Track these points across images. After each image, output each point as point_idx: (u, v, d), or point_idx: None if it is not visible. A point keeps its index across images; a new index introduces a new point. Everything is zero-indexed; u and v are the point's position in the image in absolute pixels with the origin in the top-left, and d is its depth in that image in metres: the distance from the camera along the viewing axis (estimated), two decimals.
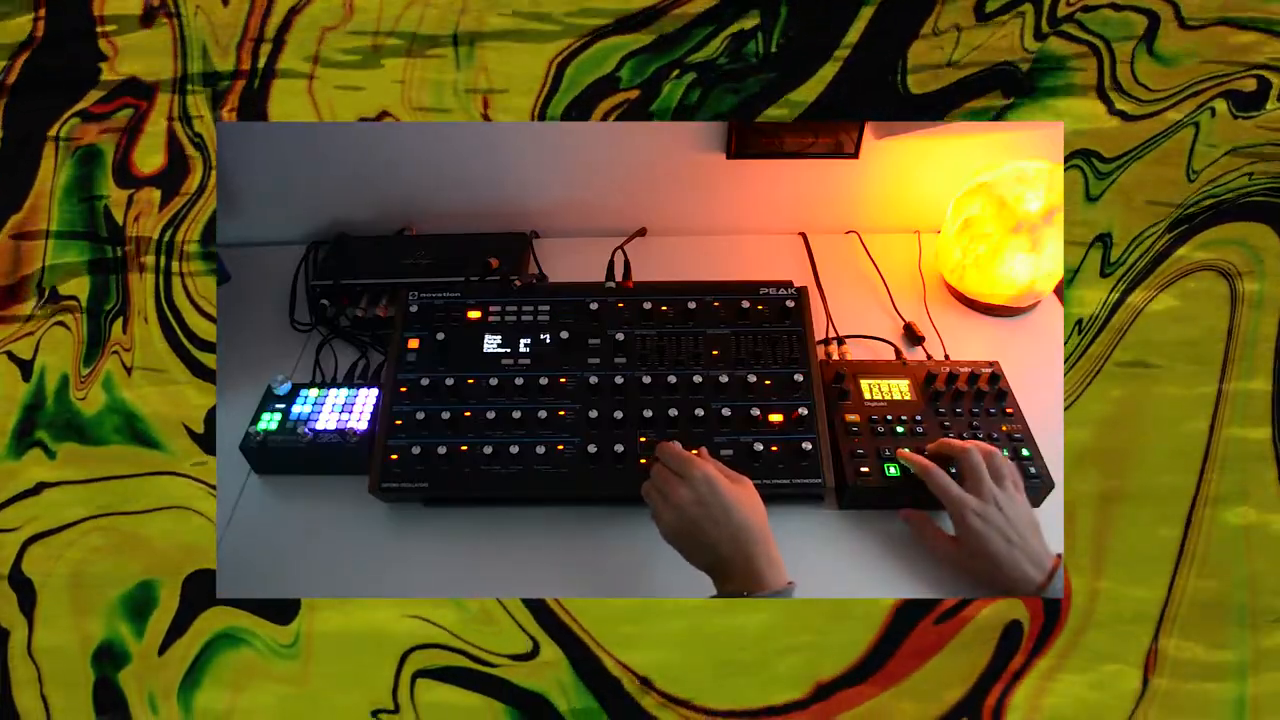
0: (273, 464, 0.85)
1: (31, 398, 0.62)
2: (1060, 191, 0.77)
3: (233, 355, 0.97)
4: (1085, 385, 0.62)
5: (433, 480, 0.79)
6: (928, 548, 0.76)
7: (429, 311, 0.89)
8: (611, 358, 0.85)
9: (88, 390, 0.62)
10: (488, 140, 1.05)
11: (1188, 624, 0.59)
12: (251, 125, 1.02)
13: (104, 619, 0.60)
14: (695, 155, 1.07)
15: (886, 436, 0.82)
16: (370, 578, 0.77)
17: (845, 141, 1.05)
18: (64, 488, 0.61)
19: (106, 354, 0.63)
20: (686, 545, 0.67)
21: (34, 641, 0.59)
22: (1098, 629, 0.59)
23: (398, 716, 0.59)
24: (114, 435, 0.62)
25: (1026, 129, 1.04)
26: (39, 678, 0.58)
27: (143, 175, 0.65)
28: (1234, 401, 0.61)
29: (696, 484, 0.66)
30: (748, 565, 0.64)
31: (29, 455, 0.61)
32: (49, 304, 0.63)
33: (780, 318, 0.88)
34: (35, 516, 0.61)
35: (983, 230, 0.97)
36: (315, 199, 1.12)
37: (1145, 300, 0.63)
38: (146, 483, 0.62)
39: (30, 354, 0.63)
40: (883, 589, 0.74)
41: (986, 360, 0.89)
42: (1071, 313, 0.63)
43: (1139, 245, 0.63)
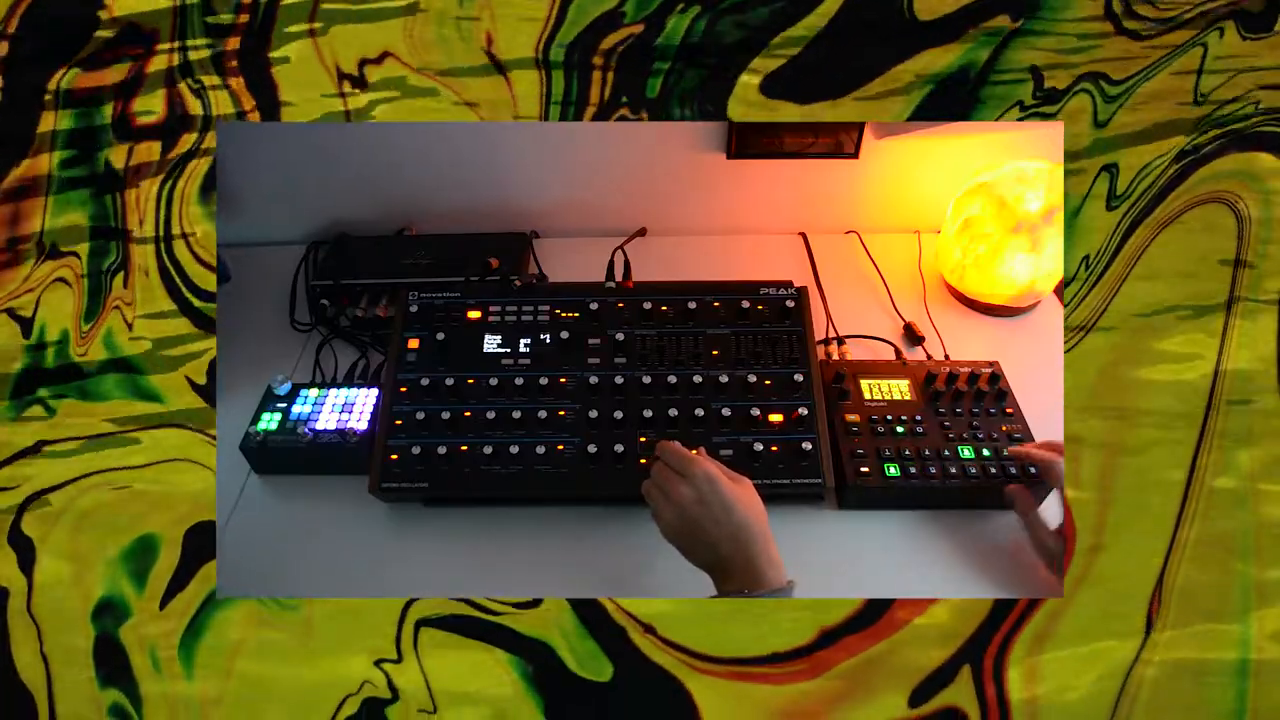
0: (273, 464, 0.85)
1: (31, 355, 0.62)
2: (1060, 191, 0.77)
3: (233, 355, 0.97)
4: (1089, 328, 0.62)
5: (433, 480, 0.79)
6: (1033, 531, 0.75)
7: (429, 311, 0.89)
8: (611, 358, 0.85)
9: (88, 346, 0.62)
10: (488, 140, 1.05)
11: (1192, 567, 0.59)
12: (251, 125, 1.02)
13: (104, 575, 0.59)
14: (695, 155, 1.07)
15: (886, 436, 0.82)
16: (370, 578, 0.77)
17: (845, 141, 1.05)
18: (64, 444, 0.61)
19: (107, 309, 0.63)
20: (687, 544, 0.67)
21: (33, 600, 0.59)
22: (1100, 582, 0.59)
23: (401, 665, 0.59)
24: (115, 390, 0.62)
25: (1026, 129, 1.04)
26: (39, 636, 0.58)
27: (142, 127, 0.64)
28: (1239, 335, 0.61)
29: (698, 482, 0.66)
30: (748, 564, 0.64)
31: (29, 413, 0.61)
32: (49, 260, 0.63)
33: (780, 318, 0.88)
34: (34, 475, 0.60)
35: (983, 230, 0.97)
36: (315, 199, 1.12)
37: (1151, 235, 0.62)
38: (147, 437, 0.61)
39: (30, 311, 0.62)
40: (883, 589, 0.74)
41: (986, 360, 0.89)
42: (1077, 252, 0.62)
43: (1145, 177, 0.63)
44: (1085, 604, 0.58)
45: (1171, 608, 0.58)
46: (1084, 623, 0.58)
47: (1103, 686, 0.57)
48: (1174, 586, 0.58)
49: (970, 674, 0.58)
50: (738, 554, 0.64)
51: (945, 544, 0.78)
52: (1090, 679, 0.57)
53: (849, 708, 0.57)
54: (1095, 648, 0.58)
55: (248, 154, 1.06)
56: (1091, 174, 0.64)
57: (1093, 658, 0.58)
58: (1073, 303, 0.62)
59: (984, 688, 0.57)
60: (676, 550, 0.68)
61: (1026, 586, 0.74)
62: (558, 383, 0.84)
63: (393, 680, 0.58)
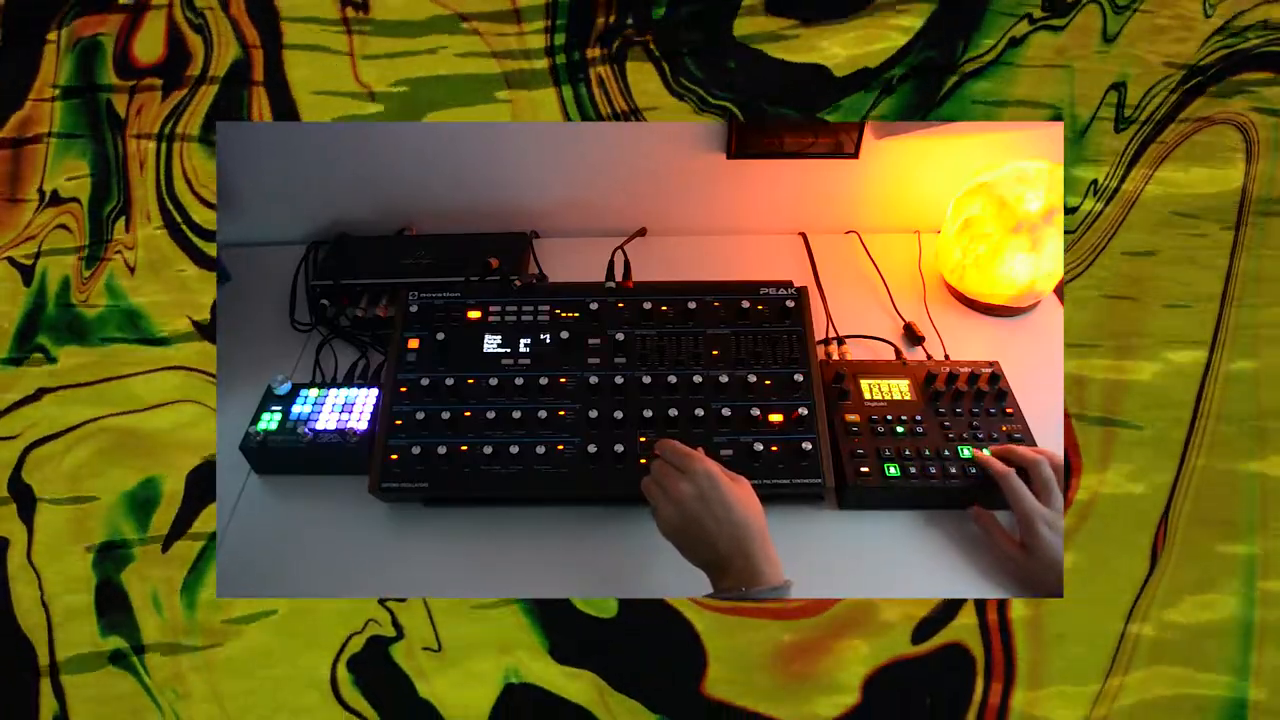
0: (273, 464, 0.85)
1: (32, 303, 0.62)
2: (1060, 191, 0.77)
3: (233, 355, 0.97)
4: (1094, 256, 0.62)
5: (433, 480, 0.79)
6: (992, 548, 0.76)
7: (429, 311, 0.89)
8: (611, 358, 0.85)
9: (89, 292, 0.62)
10: (488, 140, 1.05)
11: (1200, 495, 0.59)
12: (251, 125, 1.02)
13: (106, 520, 0.59)
14: (695, 155, 1.07)
15: (886, 436, 0.82)
16: (370, 578, 0.77)
17: (845, 141, 1.05)
18: (65, 392, 0.61)
19: (109, 254, 0.63)
20: (686, 541, 0.67)
21: (34, 548, 0.59)
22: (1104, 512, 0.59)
23: (406, 604, 0.59)
24: (116, 334, 0.62)
25: (1026, 129, 1.04)
26: (39, 585, 0.58)
27: (144, 66, 0.64)
28: (1248, 249, 0.61)
29: (698, 479, 0.66)
30: (746, 562, 0.64)
31: (29, 361, 0.61)
32: (50, 207, 0.62)
33: (780, 318, 0.88)
34: (35, 423, 0.60)
35: (983, 230, 0.97)
36: (315, 199, 1.12)
37: (1158, 157, 0.62)
38: (149, 379, 0.61)
39: (31, 259, 0.62)
40: (883, 589, 0.74)
41: (986, 360, 0.89)
42: (1083, 176, 0.62)
43: (1153, 98, 0.62)
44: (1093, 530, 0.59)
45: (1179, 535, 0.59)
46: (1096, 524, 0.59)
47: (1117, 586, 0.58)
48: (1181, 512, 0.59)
49: (974, 608, 0.58)
50: (736, 552, 0.64)
51: (945, 544, 0.78)
52: (1096, 591, 0.58)
53: (852, 640, 0.58)
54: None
55: (248, 154, 1.06)
56: (1100, 92, 0.63)
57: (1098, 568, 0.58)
58: (1080, 229, 0.62)
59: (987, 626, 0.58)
60: (675, 549, 0.68)
61: (1027, 587, 0.74)
62: (558, 383, 0.84)
63: (397, 618, 0.59)
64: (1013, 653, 0.58)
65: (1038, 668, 0.57)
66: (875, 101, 0.64)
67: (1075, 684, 0.57)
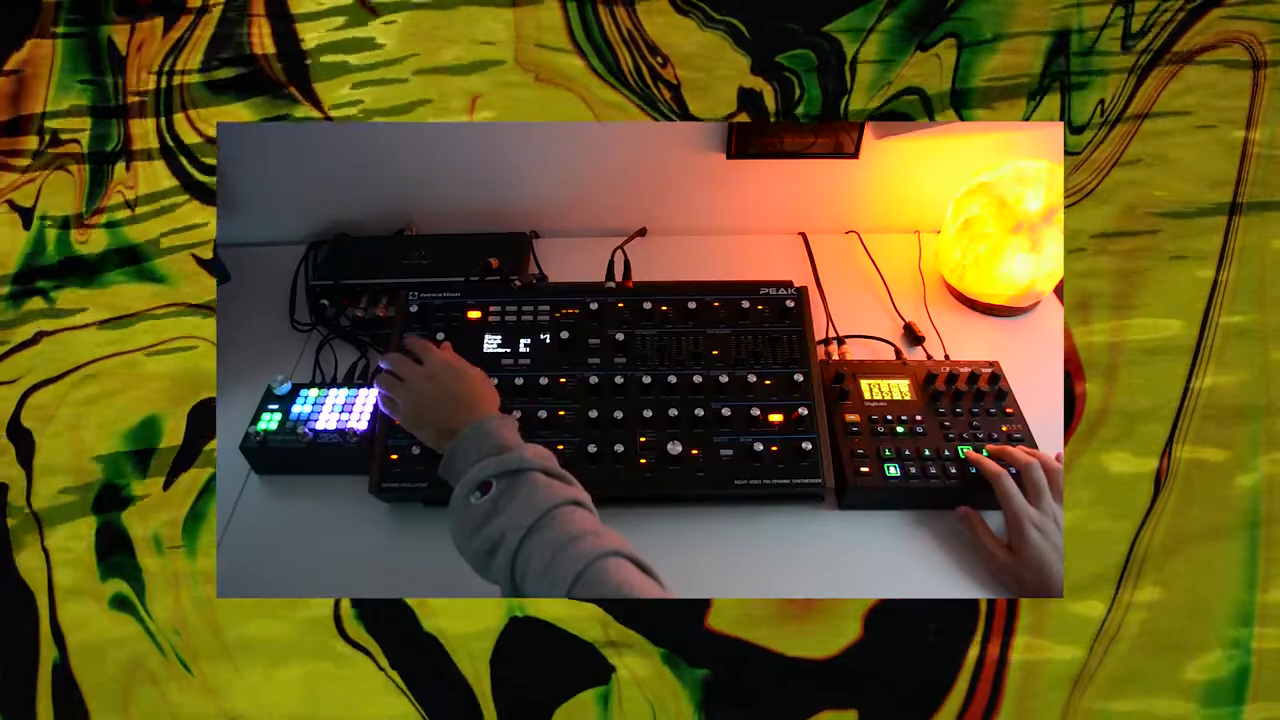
0: (273, 464, 0.85)
1: (32, 245, 0.62)
2: (1060, 191, 0.77)
3: (233, 355, 0.97)
4: (1101, 177, 0.61)
5: (433, 480, 0.78)
6: (978, 547, 0.76)
7: (429, 311, 0.89)
8: (611, 358, 0.85)
9: (89, 233, 0.62)
10: (488, 140, 1.05)
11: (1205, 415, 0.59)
12: (251, 126, 1.02)
13: (106, 462, 0.59)
14: (695, 155, 1.07)
15: (886, 436, 0.82)
16: (370, 578, 0.77)
17: (845, 141, 1.05)
18: (64, 335, 0.61)
19: (110, 194, 0.62)
20: (419, 419, 0.72)
21: (33, 493, 0.58)
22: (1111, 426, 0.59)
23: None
24: (117, 275, 0.62)
25: (1026, 129, 1.04)
26: (39, 530, 0.58)
27: (145, 2, 0.63)
28: (1258, 163, 0.61)
29: (432, 364, 0.73)
30: (467, 419, 0.68)
31: (28, 304, 0.61)
32: (50, 148, 0.62)
33: (780, 318, 0.88)
34: (33, 368, 0.60)
35: (983, 230, 0.97)
36: (315, 199, 1.12)
37: (1165, 80, 0.62)
38: (149, 318, 0.61)
39: (31, 201, 0.62)
40: (883, 589, 0.74)
41: (986, 360, 0.89)
42: (1090, 95, 0.62)
43: (1162, 13, 0.62)
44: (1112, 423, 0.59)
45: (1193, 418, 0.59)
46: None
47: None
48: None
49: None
50: (463, 419, 0.68)
51: (945, 544, 0.78)
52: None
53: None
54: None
55: (248, 154, 1.06)
56: (1105, 10, 0.63)
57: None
58: (1086, 150, 0.62)
59: None
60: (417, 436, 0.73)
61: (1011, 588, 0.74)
62: (558, 383, 0.84)
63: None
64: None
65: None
66: (880, 15, 0.64)
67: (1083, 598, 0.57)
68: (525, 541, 0.57)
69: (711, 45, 0.66)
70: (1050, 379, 0.91)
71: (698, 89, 0.66)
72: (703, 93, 0.66)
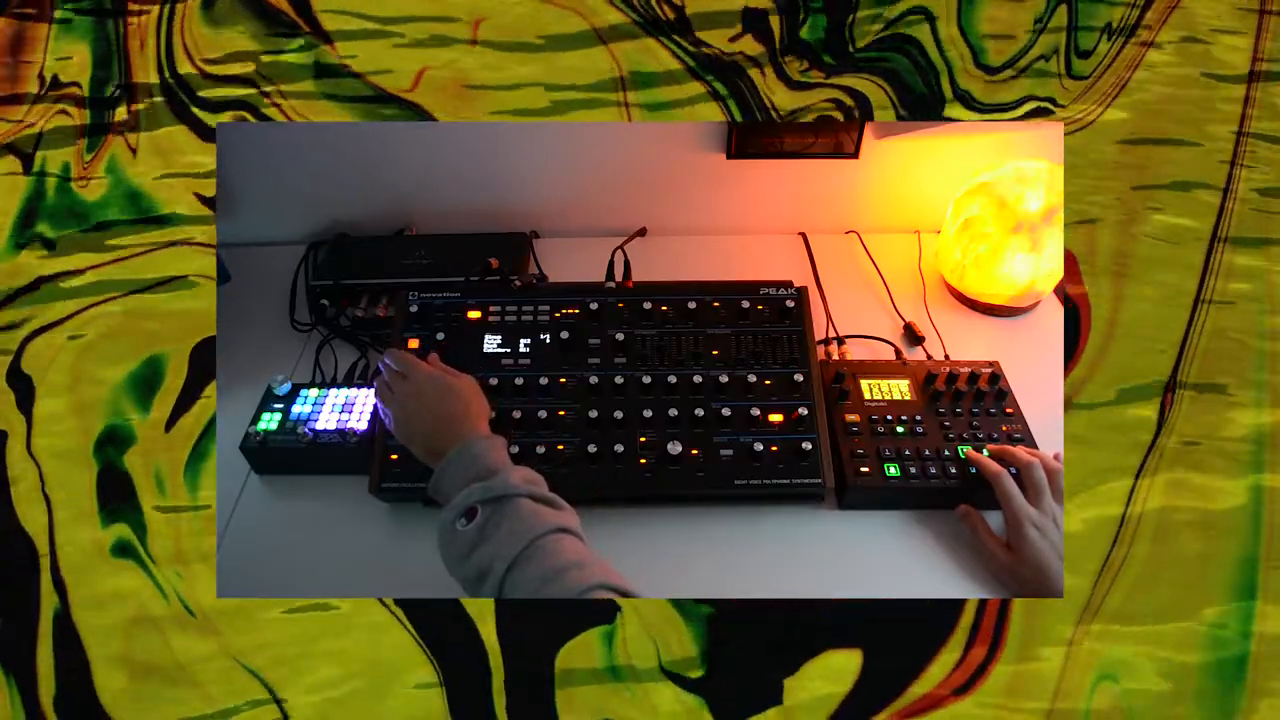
0: (273, 464, 0.85)
1: (32, 190, 0.61)
2: (1060, 191, 0.77)
3: (233, 355, 0.97)
4: (1109, 100, 0.61)
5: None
6: (978, 546, 0.76)
7: (429, 311, 0.89)
8: (611, 358, 0.85)
9: (90, 175, 0.62)
10: (488, 140, 1.05)
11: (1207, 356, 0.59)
12: (251, 125, 1.02)
13: (107, 404, 0.59)
14: (695, 155, 1.07)
15: (886, 436, 0.82)
16: (370, 578, 0.77)
17: (845, 141, 1.05)
18: (64, 279, 0.60)
19: (110, 136, 0.62)
20: (408, 434, 0.71)
21: (33, 439, 0.58)
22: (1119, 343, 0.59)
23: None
24: (117, 217, 0.61)
25: (1026, 129, 1.04)
26: (40, 476, 0.57)
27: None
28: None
29: (418, 379, 0.71)
30: (448, 445, 0.66)
31: (28, 250, 0.60)
32: (50, 91, 0.62)
33: (780, 318, 0.88)
34: (33, 315, 0.60)
35: (983, 230, 0.97)
36: (315, 199, 1.12)
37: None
38: (150, 258, 0.61)
39: (31, 146, 0.62)
40: (883, 589, 0.74)
41: (986, 360, 0.89)
42: (1097, 20, 0.62)
43: None
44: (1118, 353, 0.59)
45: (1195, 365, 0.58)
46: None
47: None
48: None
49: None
50: (450, 438, 0.67)
51: (945, 544, 0.78)
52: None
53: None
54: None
55: (248, 154, 1.06)
56: None
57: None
58: (1092, 77, 0.61)
59: None
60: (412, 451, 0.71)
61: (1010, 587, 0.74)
62: (558, 383, 0.84)
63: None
64: None
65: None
66: None
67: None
68: (510, 573, 0.56)
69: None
70: (1050, 379, 0.91)
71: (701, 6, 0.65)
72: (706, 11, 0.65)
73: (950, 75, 0.69)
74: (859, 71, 0.69)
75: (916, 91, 0.69)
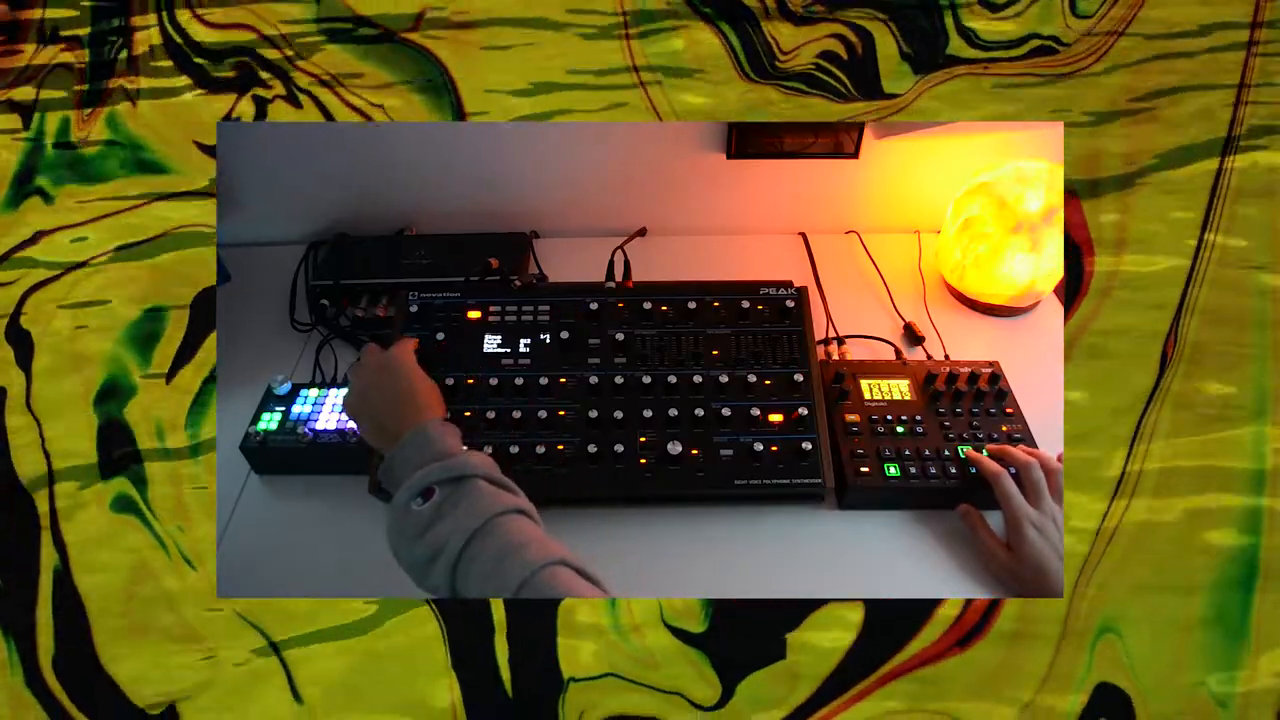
0: (273, 464, 0.85)
1: (31, 144, 0.61)
2: (1060, 191, 0.77)
3: (233, 355, 0.97)
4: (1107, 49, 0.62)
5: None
6: (978, 546, 0.76)
7: (429, 311, 0.89)
8: (611, 358, 0.85)
9: (90, 129, 0.61)
10: (488, 140, 1.05)
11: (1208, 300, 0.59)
12: (251, 125, 1.02)
13: (108, 358, 0.58)
14: (695, 155, 1.07)
15: (886, 436, 0.82)
16: (370, 578, 0.76)
17: (845, 141, 1.05)
18: (64, 232, 0.60)
19: (110, 88, 0.62)
20: (358, 410, 0.70)
21: (33, 395, 0.57)
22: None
23: None
24: (118, 170, 0.61)
25: (1026, 129, 1.04)
26: (40, 432, 0.57)
27: None
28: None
29: (380, 356, 0.72)
30: (400, 426, 0.66)
31: (26, 204, 0.60)
32: (49, 45, 0.61)
33: (780, 318, 0.88)
34: (31, 269, 0.59)
35: (983, 230, 0.97)
36: (315, 199, 1.12)
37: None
38: (151, 210, 0.60)
39: (31, 99, 0.61)
40: (883, 589, 0.74)
41: (986, 360, 0.89)
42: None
43: None
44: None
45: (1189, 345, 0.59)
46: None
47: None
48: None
49: None
50: (404, 420, 0.66)
51: (945, 544, 0.78)
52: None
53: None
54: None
55: (248, 154, 1.06)
56: None
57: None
58: (1096, 16, 0.62)
59: None
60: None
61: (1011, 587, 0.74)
62: (558, 383, 0.84)
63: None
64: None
65: None
66: None
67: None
68: (468, 547, 0.56)
69: None
70: (1051, 379, 0.91)
71: None
72: None
73: (954, 12, 0.69)
74: (863, 6, 0.69)
75: (921, 28, 0.69)
